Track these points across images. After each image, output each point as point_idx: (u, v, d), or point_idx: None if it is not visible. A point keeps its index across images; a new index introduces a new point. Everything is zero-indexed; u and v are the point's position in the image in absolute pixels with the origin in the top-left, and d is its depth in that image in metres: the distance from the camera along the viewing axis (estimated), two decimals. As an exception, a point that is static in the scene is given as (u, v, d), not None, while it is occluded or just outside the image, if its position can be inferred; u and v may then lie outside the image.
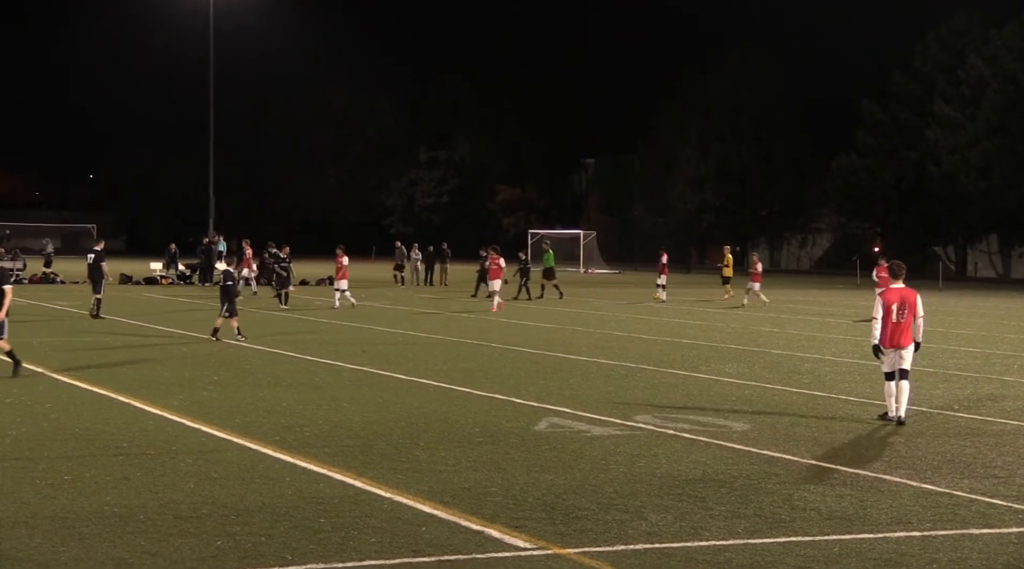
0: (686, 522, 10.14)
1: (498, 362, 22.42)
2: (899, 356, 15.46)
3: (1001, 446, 14.10)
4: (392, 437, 13.93)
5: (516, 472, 12.03)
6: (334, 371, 20.63)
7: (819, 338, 29.26)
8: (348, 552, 9.01)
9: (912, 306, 15.54)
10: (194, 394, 17.29)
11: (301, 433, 14.09)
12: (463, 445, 13.48)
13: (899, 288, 15.74)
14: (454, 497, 10.86)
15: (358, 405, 16.46)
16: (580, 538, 9.53)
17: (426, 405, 16.55)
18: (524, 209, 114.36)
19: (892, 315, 15.43)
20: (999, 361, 24.27)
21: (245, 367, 21.04)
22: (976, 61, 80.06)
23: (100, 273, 32.11)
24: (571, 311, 38.31)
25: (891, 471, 12.46)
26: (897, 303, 15.49)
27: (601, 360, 22.95)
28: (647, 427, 14.96)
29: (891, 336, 15.48)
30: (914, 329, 15.59)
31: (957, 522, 10.37)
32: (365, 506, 10.49)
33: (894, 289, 15.76)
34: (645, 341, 27.54)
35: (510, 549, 9.20)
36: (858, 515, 10.53)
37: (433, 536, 9.52)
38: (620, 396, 17.82)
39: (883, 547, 9.49)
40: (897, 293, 15.64)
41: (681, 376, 20.61)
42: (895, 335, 15.48)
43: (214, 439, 13.69)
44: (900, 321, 15.47)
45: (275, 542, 9.25)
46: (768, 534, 9.81)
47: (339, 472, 11.87)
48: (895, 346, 15.48)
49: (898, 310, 15.45)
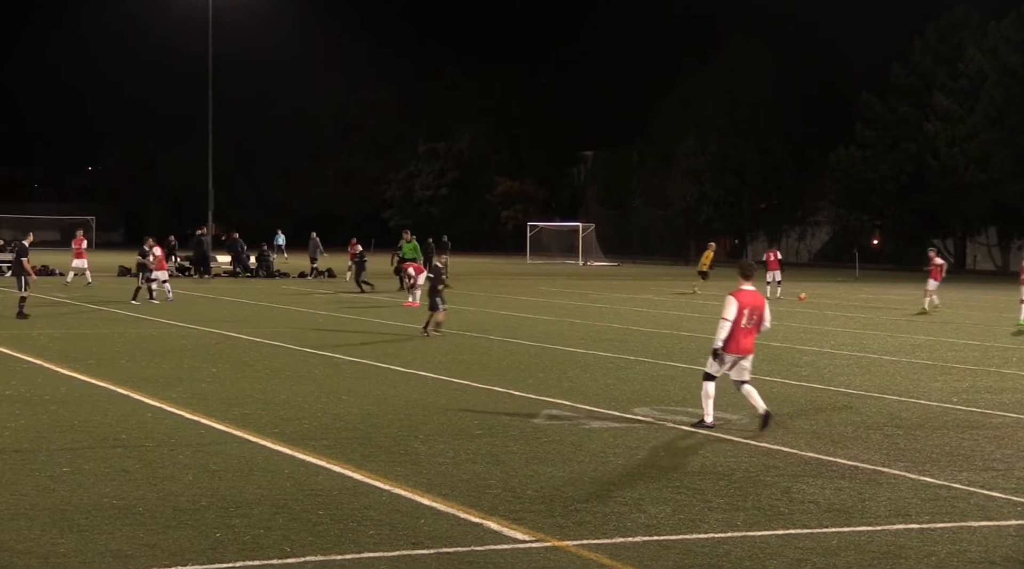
0: (684, 514, 10.14)
1: (497, 355, 22.42)
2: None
3: (1000, 439, 14.11)
4: (391, 429, 13.93)
5: (515, 464, 12.03)
6: (333, 363, 20.63)
7: (818, 331, 29.26)
8: (347, 544, 9.01)
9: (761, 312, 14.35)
10: (193, 386, 17.29)
11: (300, 425, 14.10)
12: (462, 437, 13.48)
13: (750, 291, 14.39)
14: (453, 489, 10.87)
15: (357, 397, 16.47)
16: (579, 530, 9.54)
17: (425, 397, 16.55)
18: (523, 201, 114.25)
19: (743, 319, 14.15)
20: (998, 354, 24.28)
21: (244, 359, 21.05)
22: (975, 54, 79.94)
23: (21, 269, 29.02)
24: (569, 304, 38.30)
25: (890, 464, 12.47)
26: (748, 307, 14.18)
27: (600, 352, 22.95)
28: (646, 419, 14.97)
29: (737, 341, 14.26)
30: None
31: (955, 515, 10.38)
32: (364, 498, 10.50)
33: (746, 292, 14.34)
34: (643, 333, 27.54)
35: (509, 541, 9.20)
36: (856, 508, 10.54)
37: (432, 528, 9.52)
38: (619, 388, 17.83)
39: (881, 539, 9.50)
40: (749, 296, 14.31)
41: (680, 368, 20.61)
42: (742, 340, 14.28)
43: (213, 431, 13.70)
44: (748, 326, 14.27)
45: (274, 534, 9.25)
46: (766, 527, 9.82)
47: (338, 464, 11.88)
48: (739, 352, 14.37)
49: (749, 315, 14.18)
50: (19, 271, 29.12)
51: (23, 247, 29.92)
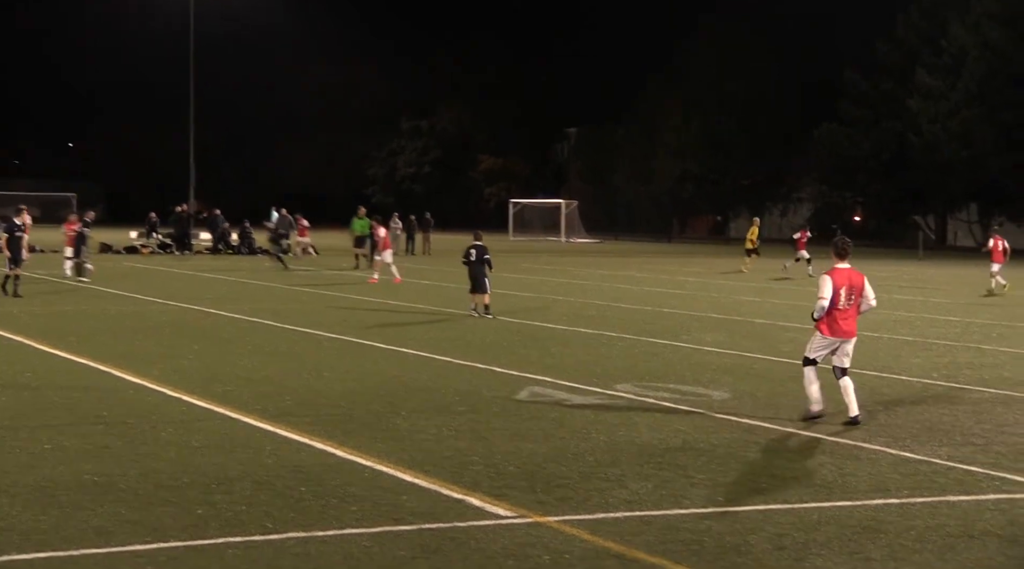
0: (666, 490, 10.18)
1: (478, 331, 22.43)
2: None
3: (979, 414, 14.18)
4: (373, 406, 13.93)
5: (497, 441, 12.05)
6: (314, 340, 20.61)
7: (801, 307, 29.29)
8: (329, 520, 9.02)
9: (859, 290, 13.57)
10: (174, 363, 17.26)
11: (281, 402, 14.09)
12: (444, 414, 13.49)
13: (845, 269, 13.61)
14: (435, 466, 10.88)
15: (338, 374, 16.46)
16: (561, 506, 9.56)
17: (406, 374, 16.55)
18: (506, 178, 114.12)
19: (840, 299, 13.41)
20: (978, 330, 24.38)
21: (224, 336, 21.02)
22: (958, 30, 80.00)
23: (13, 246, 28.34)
24: (552, 280, 38.31)
25: (870, 439, 12.53)
26: (845, 287, 13.46)
27: (581, 329, 22.97)
28: (627, 396, 15.00)
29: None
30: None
31: (935, 489, 10.44)
32: (346, 475, 10.50)
33: (841, 270, 13.59)
34: (625, 310, 27.58)
35: (491, 517, 9.22)
36: (837, 483, 10.59)
37: (414, 504, 9.54)
38: (600, 365, 17.85)
39: (862, 514, 9.55)
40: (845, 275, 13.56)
41: (661, 345, 20.65)
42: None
43: (194, 408, 13.68)
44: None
45: (256, 510, 9.25)
46: (748, 502, 9.86)
47: (320, 441, 11.88)
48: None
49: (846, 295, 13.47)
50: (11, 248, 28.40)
51: (11, 224, 29.08)
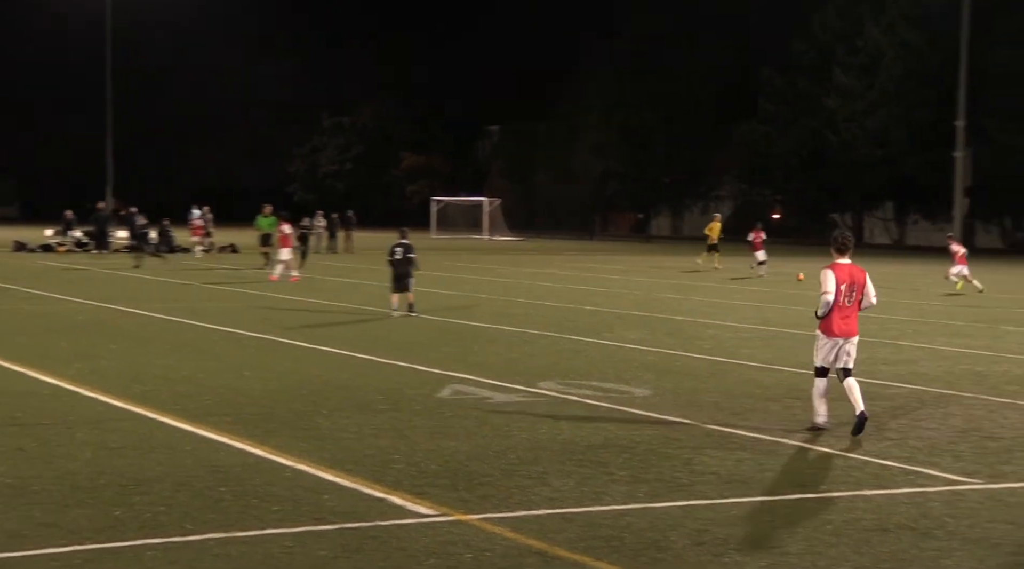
0: (588, 487, 10.22)
1: (401, 329, 22.37)
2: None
3: (895, 409, 14.41)
4: (294, 405, 13.84)
5: (419, 439, 12.03)
6: (235, 339, 20.43)
7: (721, 304, 29.61)
8: (249, 521, 8.94)
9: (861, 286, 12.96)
10: (91, 363, 17.01)
11: (201, 401, 13.94)
12: (366, 412, 13.44)
13: (846, 265, 13.02)
14: (357, 464, 10.83)
15: (259, 373, 16.32)
16: (483, 504, 9.56)
17: (328, 373, 16.46)
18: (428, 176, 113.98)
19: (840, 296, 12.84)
20: (895, 326, 24.77)
21: (143, 335, 20.75)
22: (873, 30, 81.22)
23: None
24: (475, 278, 38.32)
25: (789, 435, 12.68)
26: (846, 283, 12.89)
27: (505, 327, 23.00)
28: (550, 393, 15.04)
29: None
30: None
31: (851, 484, 10.59)
32: (267, 474, 10.42)
33: (842, 265, 13.00)
34: (549, 308, 27.65)
35: (413, 516, 9.20)
36: (756, 478, 10.70)
37: (336, 504, 9.48)
38: (523, 363, 17.89)
39: (780, 509, 9.66)
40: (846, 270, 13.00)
41: (584, 343, 20.73)
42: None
43: (112, 408, 13.49)
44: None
45: (175, 512, 9.15)
46: (668, 498, 9.93)
47: (240, 440, 11.77)
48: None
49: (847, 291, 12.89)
50: None
51: None
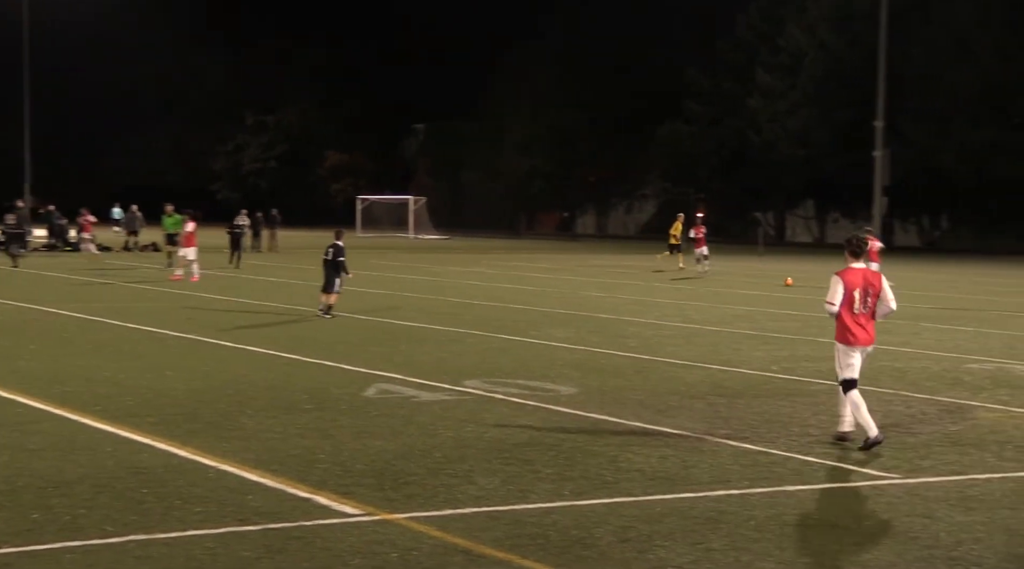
0: (514, 485, 10.24)
1: (327, 329, 22.26)
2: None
3: (816, 406, 14.60)
4: (218, 405, 13.72)
5: (345, 439, 11.98)
6: (158, 339, 20.20)
7: (646, 302, 29.80)
8: (172, 522, 8.85)
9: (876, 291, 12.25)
10: (10, 364, 16.73)
11: (123, 402, 13.77)
12: (291, 412, 13.36)
13: (860, 269, 12.32)
14: (281, 465, 10.76)
15: (183, 373, 16.16)
16: (408, 503, 9.55)
17: (253, 372, 16.34)
18: (353, 175, 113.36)
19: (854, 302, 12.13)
20: (816, 323, 25.07)
21: (64, 336, 20.46)
22: (794, 31, 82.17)
23: None
24: (401, 277, 38.22)
25: (712, 431, 12.80)
26: (860, 288, 12.16)
27: (432, 326, 22.97)
28: (476, 392, 15.05)
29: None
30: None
31: (774, 479, 10.72)
32: (190, 475, 10.32)
33: (855, 270, 12.27)
34: (476, 306, 27.66)
35: (338, 516, 9.16)
36: (680, 475, 10.80)
37: (260, 504, 9.42)
38: (450, 362, 17.88)
39: (704, 505, 9.76)
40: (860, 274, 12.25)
41: (511, 341, 20.77)
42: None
43: (31, 410, 13.28)
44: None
45: (95, 514, 9.03)
46: (593, 495, 9.98)
47: (163, 441, 11.65)
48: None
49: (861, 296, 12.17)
50: None
51: None
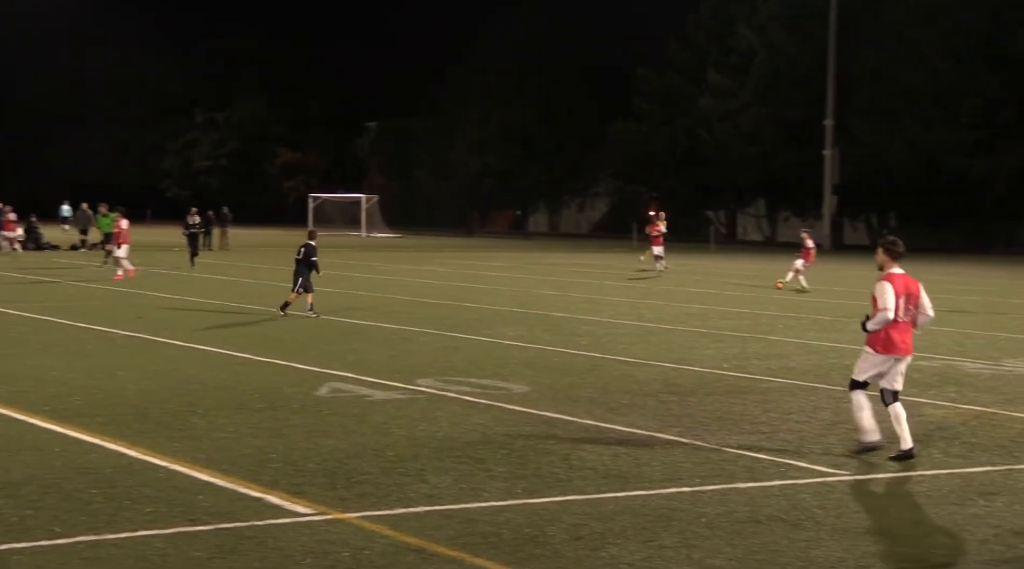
0: (466, 484, 10.25)
1: (280, 327, 22.16)
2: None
3: (766, 403, 14.70)
4: (169, 405, 13.62)
5: (297, 438, 11.94)
6: (108, 338, 20.03)
7: (598, 301, 29.88)
8: (121, 522, 8.78)
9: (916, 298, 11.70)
10: (-44, 364, 16.53)
11: (72, 402, 13.65)
12: (243, 411, 13.29)
13: (901, 275, 11.74)
14: (233, 464, 10.71)
15: (133, 373, 16.03)
16: (361, 502, 9.54)
17: (204, 372, 16.24)
18: (305, 172, 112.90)
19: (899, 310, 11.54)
20: (766, 321, 25.26)
21: (12, 335, 20.24)
22: (745, 31, 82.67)
23: None
24: (354, 276, 38.11)
25: (664, 429, 12.86)
26: (903, 296, 11.60)
27: (384, 324, 22.92)
28: (428, 391, 15.04)
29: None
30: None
31: (725, 477, 10.78)
32: (139, 475, 10.25)
33: (898, 276, 11.70)
34: (429, 305, 27.63)
35: (290, 515, 9.13)
36: (632, 472, 10.84)
37: (211, 504, 9.37)
38: (402, 360, 17.86)
39: (655, 503, 9.80)
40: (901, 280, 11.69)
41: (463, 339, 20.76)
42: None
43: (-22, 410, 13.13)
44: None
45: (43, 514, 8.95)
46: (546, 493, 10.00)
47: (112, 441, 11.55)
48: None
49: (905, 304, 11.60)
50: None
51: None
